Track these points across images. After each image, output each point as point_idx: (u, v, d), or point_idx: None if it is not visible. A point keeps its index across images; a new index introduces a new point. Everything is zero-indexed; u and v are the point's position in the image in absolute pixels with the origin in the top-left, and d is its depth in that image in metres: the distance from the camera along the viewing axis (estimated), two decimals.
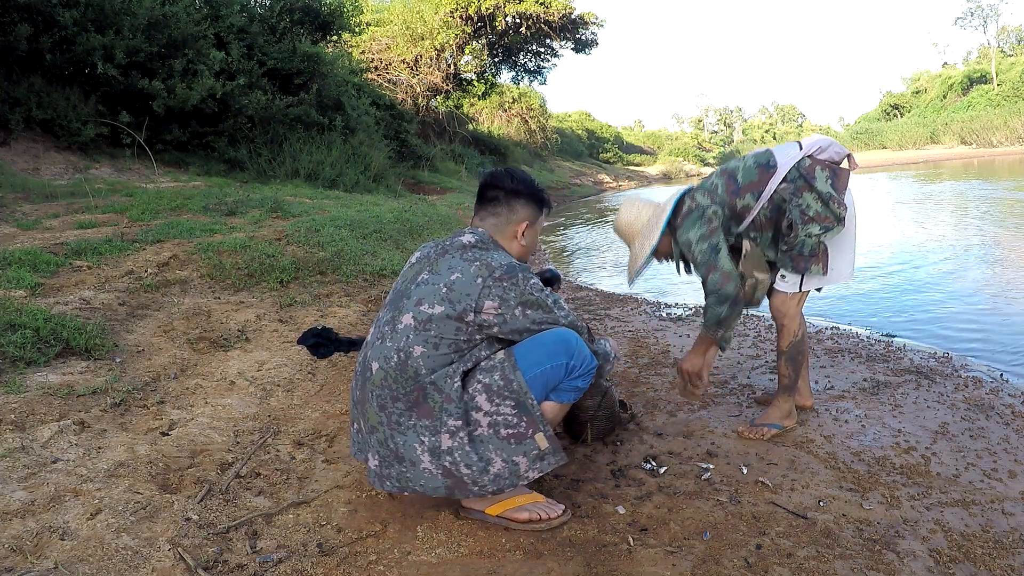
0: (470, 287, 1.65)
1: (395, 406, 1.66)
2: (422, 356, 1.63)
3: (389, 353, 1.66)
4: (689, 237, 2.24)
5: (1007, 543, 1.71)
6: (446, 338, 1.64)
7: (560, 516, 1.82)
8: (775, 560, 1.66)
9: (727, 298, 2.18)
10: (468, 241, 1.76)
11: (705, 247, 2.21)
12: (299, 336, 2.67)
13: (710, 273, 2.21)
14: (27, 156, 6.75)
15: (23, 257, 3.57)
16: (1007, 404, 2.64)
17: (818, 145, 2.25)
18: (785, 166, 2.23)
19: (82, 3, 7.14)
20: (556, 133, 31.01)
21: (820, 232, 2.19)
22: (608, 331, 4.09)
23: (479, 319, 1.65)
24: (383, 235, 5.77)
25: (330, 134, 10.43)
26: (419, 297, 1.68)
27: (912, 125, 39.16)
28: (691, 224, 2.25)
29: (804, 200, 2.19)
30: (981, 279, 5.12)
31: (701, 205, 2.27)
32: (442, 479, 1.66)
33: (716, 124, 79.19)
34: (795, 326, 2.36)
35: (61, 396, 2.31)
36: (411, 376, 1.64)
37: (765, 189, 2.24)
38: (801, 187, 2.20)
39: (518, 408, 1.67)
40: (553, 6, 20.00)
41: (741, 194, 2.26)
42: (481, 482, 1.66)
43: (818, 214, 2.18)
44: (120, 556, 1.58)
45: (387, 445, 1.68)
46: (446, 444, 1.63)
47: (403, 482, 1.69)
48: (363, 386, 1.73)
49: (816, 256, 2.23)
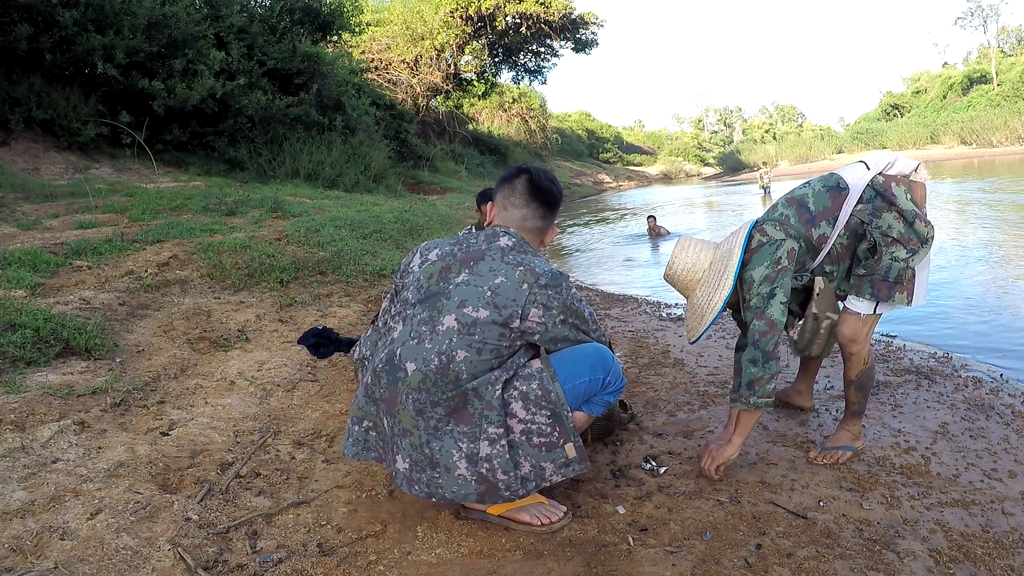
0: (516, 293, 1.62)
1: (434, 411, 1.61)
2: (465, 361, 1.60)
3: (429, 356, 1.61)
4: (754, 275, 2.01)
5: (1007, 543, 1.71)
6: (490, 343, 1.61)
7: (561, 519, 1.82)
8: (775, 560, 1.66)
9: (765, 355, 1.97)
10: (507, 244, 1.71)
11: (765, 291, 1.99)
12: (299, 336, 2.67)
13: (755, 319, 1.99)
14: (27, 156, 6.76)
15: (23, 257, 3.57)
16: (1007, 404, 2.64)
17: (886, 161, 2.07)
18: (858, 187, 2.04)
19: (82, 3, 7.15)
20: (556, 133, 31.04)
21: (907, 255, 1.97)
22: (608, 331, 4.09)
23: (523, 326, 1.63)
24: (383, 235, 5.77)
25: (330, 134, 10.44)
26: (461, 298, 1.63)
27: (912, 125, 39.16)
28: (761, 260, 2.01)
29: (885, 221, 1.99)
30: (981, 279, 5.12)
31: (775, 240, 2.03)
32: (475, 485, 1.63)
33: (716, 124, 79.19)
34: (865, 353, 2.13)
35: (61, 396, 2.31)
36: (452, 380, 1.60)
37: (840, 213, 2.04)
38: (880, 207, 2.00)
39: (553, 418, 1.67)
40: (553, 6, 20.02)
41: (816, 222, 2.05)
42: (512, 487, 1.65)
43: (902, 235, 1.97)
44: (120, 556, 1.58)
45: (422, 450, 1.63)
46: (485, 451, 1.62)
47: (432, 488, 1.65)
48: (392, 386, 1.65)
49: (901, 283, 1.99)
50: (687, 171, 47.19)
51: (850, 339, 2.11)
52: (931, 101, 44.84)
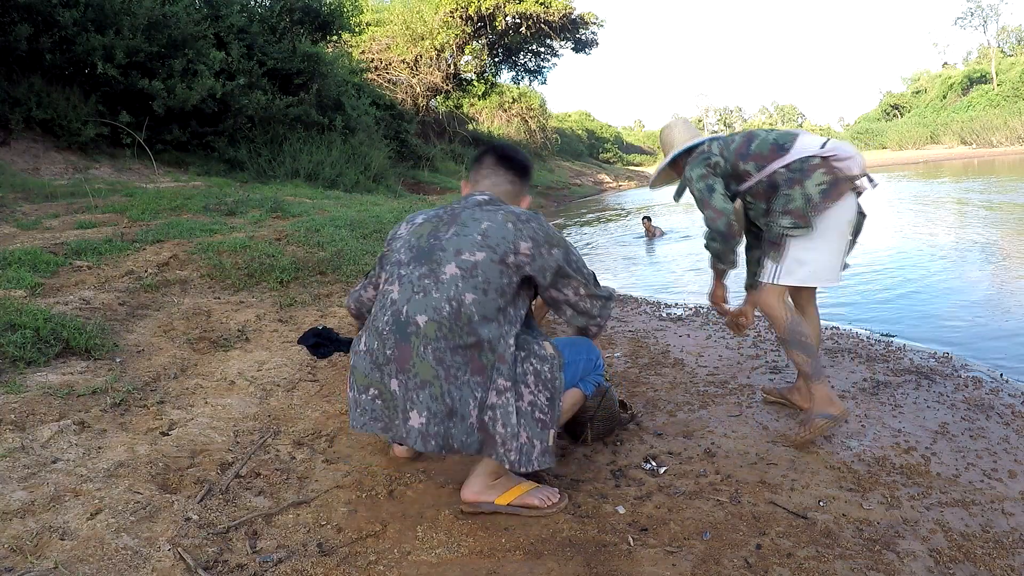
0: (503, 231, 1.74)
1: (454, 359, 1.66)
2: (474, 303, 1.67)
3: (440, 304, 1.67)
4: (691, 174, 2.49)
5: (1007, 543, 1.71)
6: (493, 282, 1.70)
7: (561, 499, 1.92)
8: (775, 560, 1.66)
9: (718, 233, 2.43)
10: (482, 199, 1.85)
11: (702, 186, 2.44)
12: (299, 336, 2.68)
13: (704, 209, 2.45)
14: (27, 156, 6.75)
15: (23, 257, 3.57)
16: (1007, 404, 2.64)
17: (838, 151, 2.31)
18: (794, 155, 2.33)
19: (82, 3, 7.14)
20: (556, 133, 31.03)
21: (788, 226, 2.30)
22: (608, 331, 4.09)
23: (518, 259, 1.74)
24: (383, 235, 5.76)
25: (330, 134, 10.44)
26: (456, 248, 1.72)
27: (912, 125, 39.15)
28: (696, 164, 2.49)
29: (793, 192, 2.29)
30: (981, 279, 5.12)
31: (710, 153, 2.49)
32: (477, 434, 1.69)
33: (716, 124, 79.17)
34: (780, 314, 2.39)
35: (61, 396, 2.31)
36: (466, 323, 1.66)
37: (768, 166, 2.37)
38: (795, 180, 2.30)
39: (551, 402, 1.77)
40: (553, 6, 20.00)
41: (746, 159, 2.41)
42: (508, 446, 1.69)
43: (797, 210, 2.28)
44: (120, 556, 1.58)
45: (442, 400, 1.66)
46: (492, 400, 1.69)
47: (446, 440, 1.68)
48: (404, 342, 1.68)
49: (776, 245, 2.36)
50: None
51: (764, 303, 2.44)
52: (931, 101, 44.82)
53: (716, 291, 2.72)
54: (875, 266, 5.92)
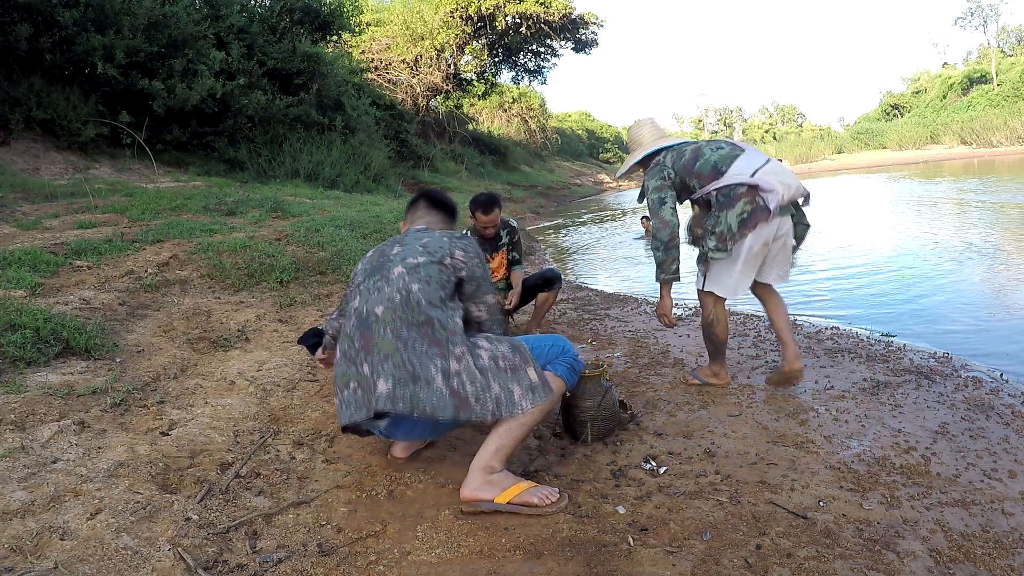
0: (441, 242, 2.05)
1: (410, 333, 1.86)
2: (420, 291, 1.92)
3: (391, 294, 1.92)
4: (647, 184, 2.76)
5: (1007, 543, 1.71)
6: (433, 276, 1.96)
7: (560, 498, 1.93)
8: (775, 560, 1.66)
9: (662, 243, 2.70)
10: (420, 227, 2.19)
11: (655, 197, 2.71)
12: (299, 336, 2.68)
13: (653, 218, 2.74)
14: (27, 156, 6.75)
15: (23, 257, 3.57)
16: (1007, 404, 2.64)
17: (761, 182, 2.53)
18: (727, 180, 2.59)
19: (82, 3, 7.14)
20: (556, 133, 31.02)
21: (712, 247, 2.60)
22: (608, 331, 4.09)
23: (454, 262, 2.03)
24: (383, 235, 5.76)
25: (330, 134, 10.44)
26: (402, 257, 2.01)
27: (912, 125, 39.09)
28: (652, 176, 2.76)
29: (721, 216, 2.57)
30: (981, 279, 5.12)
31: (663, 165, 2.75)
32: (450, 399, 1.81)
33: (716, 124, 79.14)
34: (708, 311, 2.81)
35: (61, 396, 2.31)
36: (415, 306, 1.90)
37: (707, 186, 2.64)
38: (724, 205, 2.58)
39: (513, 348, 1.96)
40: (553, 6, 19.99)
41: (691, 176, 2.69)
42: (483, 400, 1.83)
43: (720, 233, 2.57)
44: (120, 556, 1.58)
45: (404, 367, 1.82)
46: (454, 367, 1.84)
47: (414, 403, 1.80)
48: (367, 331, 1.90)
49: (702, 262, 2.73)
50: None
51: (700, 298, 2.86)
52: (931, 101, 44.78)
53: (663, 303, 2.89)
54: (875, 266, 5.92)
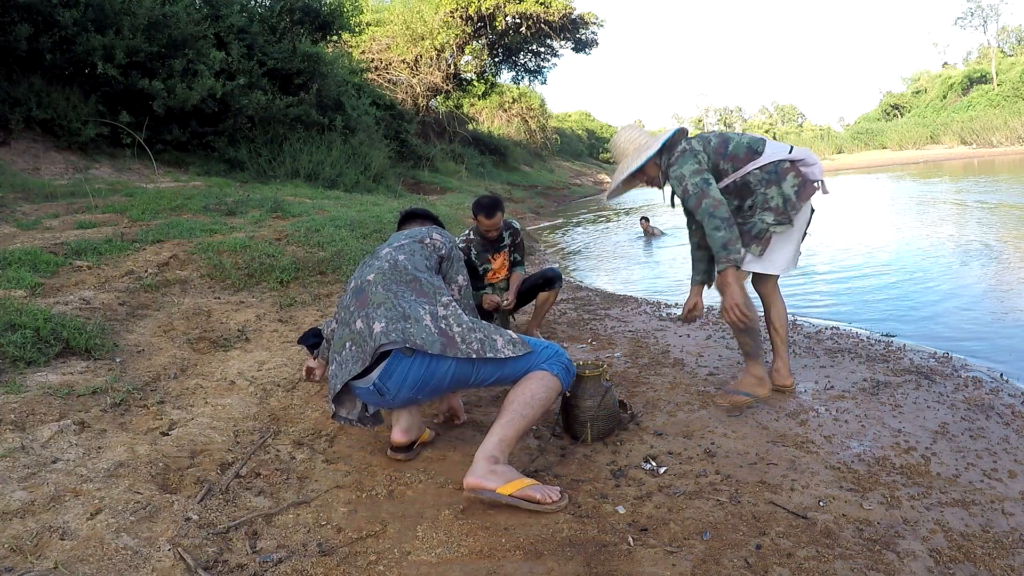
0: (421, 231, 2.34)
1: (399, 288, 2.06)
2: (406, 260, 2.17)
3: (382, 265, 2.14)
4: (683, 171, 2.57)
5: (1007, 543, 1.71)
6: (417, 252, 2.22)
7: (561, 497, 1.94)
8: (775, 560, 1.66)
9: (723, 220, 2.48)
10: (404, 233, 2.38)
11: (698, 180, 2.55)
12: (299, 336, 2.68)
13: (703, 200, 2.52)
14: (27, 156, 6.75)
15: (23, 257, 3.57)
16: (1007, 404, 2.64)
17: (804, 156, 2.61)
18: (768, 157, 2.58)
19: (82, 3, 7.14)
20: (556, 133, 31.00)
21: (772, 222, 2.56)
22: (608, 331, 4.09)
23: (433, 242, 2.29)
24: (383, 235, 5.76)
25: (330, 134, 10.44)
26: (389, 247, 2.24)
27: (912, 125, 39.11)
28: (685, 161, 2.59)
29: (771, 192, 2.57)
30: (981, 279, 5.12)
31: (695, 149, 2.62)
32: (438, 336, 1.95)
33: (716, 124, 79.13)
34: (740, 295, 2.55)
35: (61, 396, 2.31)
36: (402, 271, 2.12)
37: (743, 167, 2.59)
38: (771, 181, 2.57)
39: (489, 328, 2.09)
40: (553, 6, 19.99)
41: (725, 159, 2.62)
42: (468, 340, 1.97)
43: (776, 207, 2.55)
44: (120, 556, 1.58)
45: (396, 308, 1.99)
46: (441, 312, 2.02)
47: (406, 334, 1.94)
48: (360, 295, 2.08)
49: (760, 240, 2.58)
50: None
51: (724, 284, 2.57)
52: (931, 101, 44.79)
53: (732, 293, 2.51)
54: (875, 266, 5.92)
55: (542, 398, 2.00)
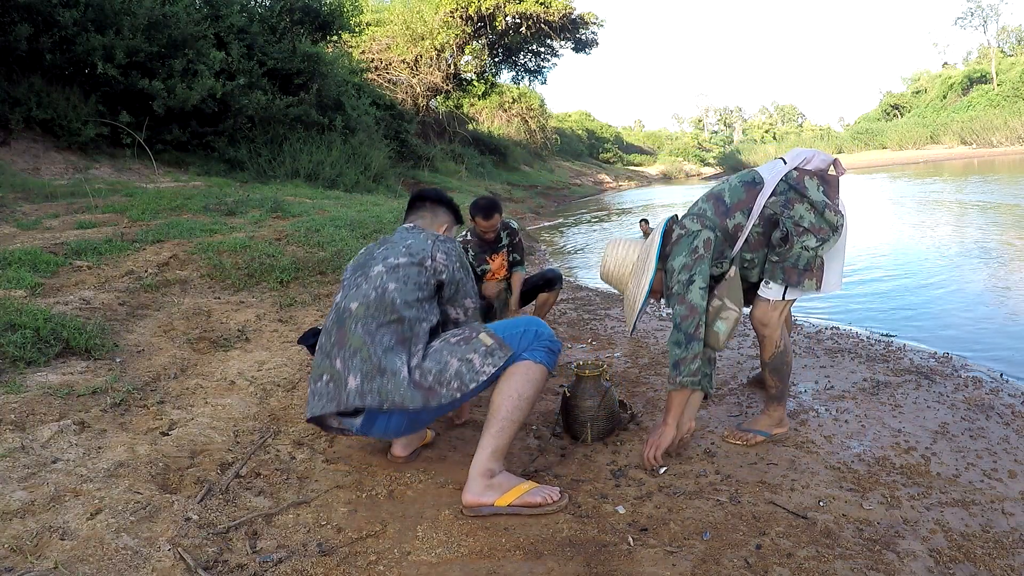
0: (424, 245, 2.04)
1: (379, 332, 1.90)
2: (396, 290, 1.93)
3: (367, 292, 1.94)
4: (674, 264, 2.17)
5: (1007, 543, 1.71)
6: (412, 278, 1.97)
7: (562, 497, 1.93)
8: (775, 560, 1.66)
9: (686, 336, 2.11)
10: (408, 227, 2.19)
11: (684, 278, 2.14)
12: (299, 336, 2.68)
13: (676, 305, 2.14)
14: (27, 156, 6.75)
15: (23, 257, 3.57)
16: (1007, 404, 2.64)
17: (802, 156, 2.24)
18: (772, 180, 2.20)
19: (82, 3, 7.14)
20: (556, 133, 30.98)
21: (816, 245, 2.14)
22: (608, 331, 4.09)
23: (434, 265, 2.02)
24: (383, 235, 5.76)
25: (330, 134, 10.43)
26: (384, 256, 2.02)
27: (912, 125, 39.10)
28: (680, 250, 2.18)
29: (796, 211, 2.14)
30: (981, 279, 5.12)
31: (692, 231, 2.19)
32: (416, 391, 1.85)
33: (716, 124, 79.13)
34: (777, 336, 2.28)
35: (61, 396, 2.31)
36: (388, 306, 1.91)
37: (754, 205, 2.19)
38: (792, 199, 2.16)
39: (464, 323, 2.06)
40: (553, 6, 20.00)
41: (731, 213, 2.21)
42: (445, 381, 1.86)
43: (812, 225, 2.13)
44: (120, 556, 1.58)
45: (371, 360, 1.87)
46: (415, 362, 1.90)
47: (383, 395, 1.84)
48: (341, 326, 1.94)
49: (811, 271, 2.16)
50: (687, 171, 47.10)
51: (761, 322, 2.29)
52: (931, 101, 44.77)
53: (666, 434, 2.18)
54: (875, 266, 5.92)
55: (529, 395, 1.93)
